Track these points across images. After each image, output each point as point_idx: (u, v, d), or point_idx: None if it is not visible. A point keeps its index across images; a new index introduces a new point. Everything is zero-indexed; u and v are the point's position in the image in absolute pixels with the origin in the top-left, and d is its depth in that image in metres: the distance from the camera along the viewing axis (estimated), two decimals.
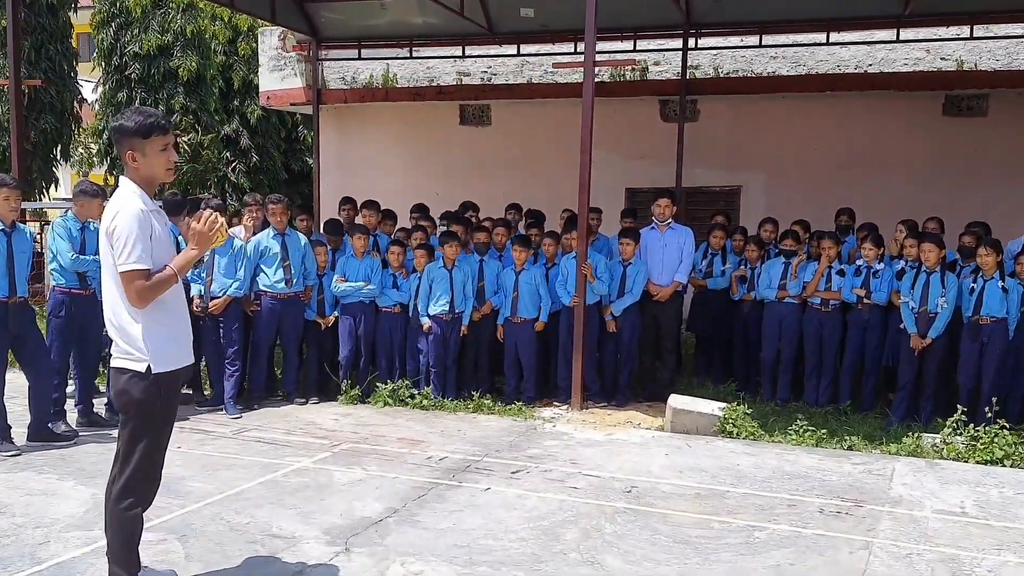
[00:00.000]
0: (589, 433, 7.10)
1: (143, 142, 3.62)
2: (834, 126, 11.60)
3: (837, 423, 7.36)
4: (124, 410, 3.69)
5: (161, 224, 3.71)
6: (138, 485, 3.70)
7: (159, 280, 3.57)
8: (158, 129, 3.64)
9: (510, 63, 12.75)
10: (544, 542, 4.75)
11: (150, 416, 3.65)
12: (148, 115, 3.65)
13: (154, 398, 3.62)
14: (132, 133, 3.60)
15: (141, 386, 3.61)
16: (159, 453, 3.77)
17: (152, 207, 3.67)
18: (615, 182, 12.20)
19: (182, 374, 3.80)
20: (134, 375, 3.61)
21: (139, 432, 3.66)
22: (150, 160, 3.65)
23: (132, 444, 3.67)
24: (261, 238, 7.78)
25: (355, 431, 7.03)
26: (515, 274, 7.88)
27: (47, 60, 13.73)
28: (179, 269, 3.63)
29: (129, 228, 3.52)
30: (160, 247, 3.64)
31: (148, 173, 3.67)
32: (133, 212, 3.55)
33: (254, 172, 16.22)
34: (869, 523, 5.14)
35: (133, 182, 3.66)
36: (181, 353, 3.76)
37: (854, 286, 7.70)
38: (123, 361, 3.64)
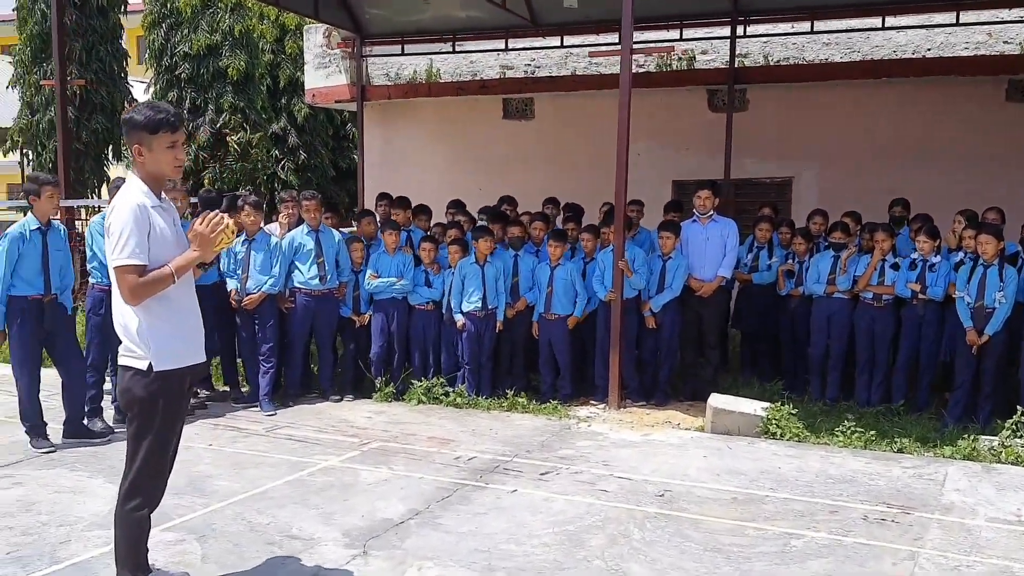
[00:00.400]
0: (625, 433, 6.89)
1: (150, 137, 3.54)
2: (890, 114, 11.15)
3: (888, 424, 7.02)
4: (127, 408, 3.63)
5: (167, 222, 3.62)
6: (144, 486, 3.63)
7: (154, 278, 3.47)
8: (166, 125, 3.56)
9: (554, 55, 12.56)
10: (567, 548, 4.57)
11: (153, 415, 3.57)
12: (159, 110, 3.57)
13: (156, 396, 3.54)
14: (140, 127, 3.53)
15: (143, 384, 3.53)
16: (164, 453, 3.69)
17: (156, 203, 3.59)
18: (661, 175, 11.95)
19: (189, 373, 3.70)
20: (136, 373, 3.54)
21: (143, 431, 3.59)
22: (156, 156, 3.58)
23: (136, 444, 3.61)
24: (295, 235, 7.74)
25: (386, 429, 6.93)
26: (550, 269, 7.70)
27: (98, 61, 13.94)
28: (177, 269, 3.52)
29: (123, 222, 3.45)
30: (162, 245, 3.55)
31: (154, 169, 3.60)
32: (129, 206, 3.47)
33: (302, 170, 16.30)
34: (916, 531, 4.85)
35: (138, 178, 3.60)
36: (187, 351, 3.67)
37: (909, 280, 7.33)
38: (126, 358, 3.58)
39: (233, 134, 14.18)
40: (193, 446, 6.41)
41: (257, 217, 7.44)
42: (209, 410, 7.54)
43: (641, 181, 11.82)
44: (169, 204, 3.74)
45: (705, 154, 11.54)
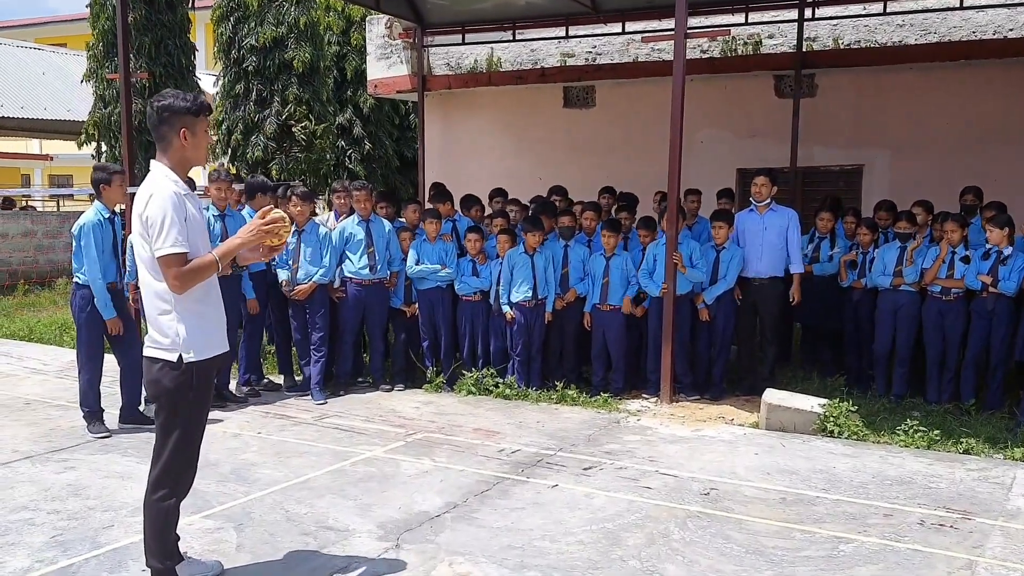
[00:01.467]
0: (675, 428, 6.72)
1: (195, 121, 3.58)
2: (968, 98, 10.62)
3: (956, 423, 6.70)
4: (155, 400, 3.65)
5: (196, 208, 3.64)
6: (171, 476, 3.65)
7: (199, 266, 3.50)
8: (206, 109, 3.65)
9: (615, 42, 12.34)
10: (604, 546, 4.45)
11: (181, 406, 3.59)
12: (194, 96, 3.62)
13: (186, 388, 3.56)
14: (185, 111, 3.56)
15: (172, 376, 3.55)
16: (192, 444, 3.71)
17: (186, 191, 3.59)
18: (726, 162, 11.65)
19: (216, 362, 3.73)
20: (165, 364, 3.56)
21: (171, 423, 3.61)
22: (198, 141, 3.61)
23: (165, 435, 3.62)
24: (346, 224, 7.75)
25: (433, 420, 6.90)
26: (605, 260, 7.55)
27: (166, 55, 14.24)
28: (221, 256, 3.55)
29: (163, 211, 3.46)
30: (194, 231, 3.57)
31: (193, 154, 3.63)
32: (167, 195, 3.48)
33: (367, 160, 16.43)
34: (976, 539, 4.59)
35: (166, 165, 3.60)
36: (214, 342, 3.69)
37: (980, 272, 6.96)
38: (153, 350, 3.59)
39: (298, 125, 14.33)
40: (242, 434, 6.50)
41: (305, 208, 7.47)
42: (262, 398, 7.64)
43: (704, 170, 11.58)
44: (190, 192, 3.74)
45: (771, 142, 11.20)
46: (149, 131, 3.68)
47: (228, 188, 7.24)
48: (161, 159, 3.62)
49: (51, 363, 9.20)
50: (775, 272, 7.59)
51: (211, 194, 7.27)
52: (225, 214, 7.28)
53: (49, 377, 8.52)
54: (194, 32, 19.40)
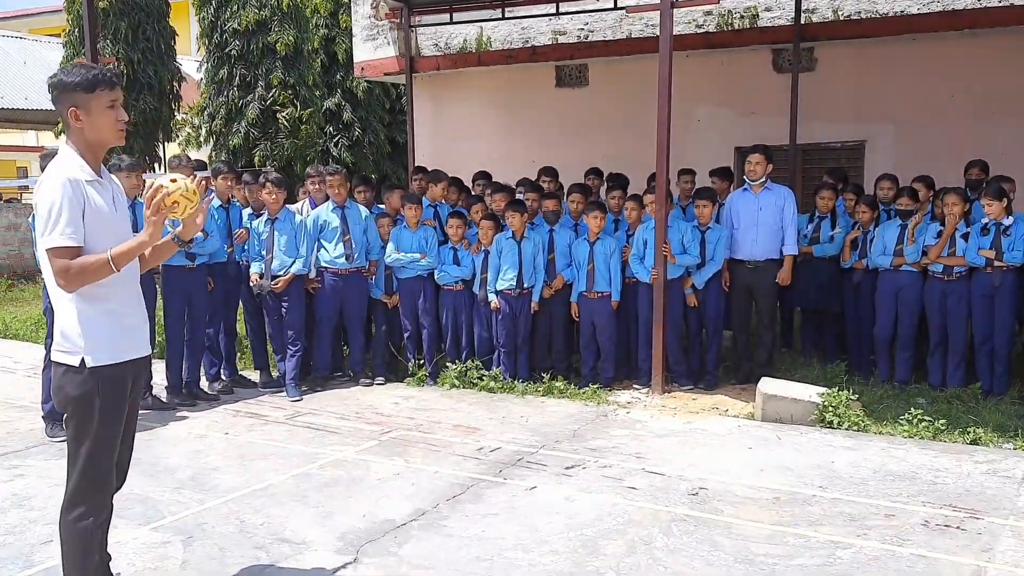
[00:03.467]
0: (666, 421, 6.36)
1: (87, 97, 3.15)
2: (974, 69, 10.16)
3: (963, 410, 6.33)
4: (62, 408, 3.26)
5: (106, 199, 3.24)
6: (87, 493, 3.27)
7: (87, 265, 3.08)
8: (103, 83, 3.17)
9: (607, 18, 11.90)
10: (580, 556, 4.11)
11: (90, 416, 3.20)
12: (91, 68, 3.20)
13: (92, 395, 3.18)
14: (74, 87, 3.14)
15: (76, 381, 3.18)
16: (106, 458, 3.30)
17: (92, 177, 3.21)
18: (723, 140, 11.23)
19: (131, 369, 3.33)
20: (68, 369, 3.19)
21: (81, 434, 3.23)
22: (95, 119, 3.18)
23: (76, 448, 3.25)
24: (320, 212, 7.40)
25: (412, 416, 6.56)
26: (589, 245, 7.17)
27: (144, 40, 13.85)
28: (116, 256, 3.12)
29: (52, 198, 3.07)
30: (99, 223, 3.17)
31: (94, 135, 3.20)
32: (59, 181, 3.09)
33: (356, 146, 16.02)
34: (985, 541, 4.23)
35: (73, 148, 3.21)
36: (126, 345, 3.29)
37: (982, 247, 6.58)
38: (57, 354, 3.22)
39: (283, 110, 13.94)
40: (208, 435, 6.17)
41: (279, 195, 7.11)
42: (235, 395, 7.31)
43: (702, 148, 11.19)
44: (110, 179, 3.35)
45: (770, 118, 10.78)
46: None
47: (188, 173, 6.87)
48: (67, 141, 3.24)
49: (22, 360, 8.88)
50: (771, 254, 7.21)
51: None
52: None
53: (17, 376, 8.21)
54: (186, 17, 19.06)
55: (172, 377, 7.04)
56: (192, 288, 6.95)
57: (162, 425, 6.41)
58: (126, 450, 3.50)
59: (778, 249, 7.22)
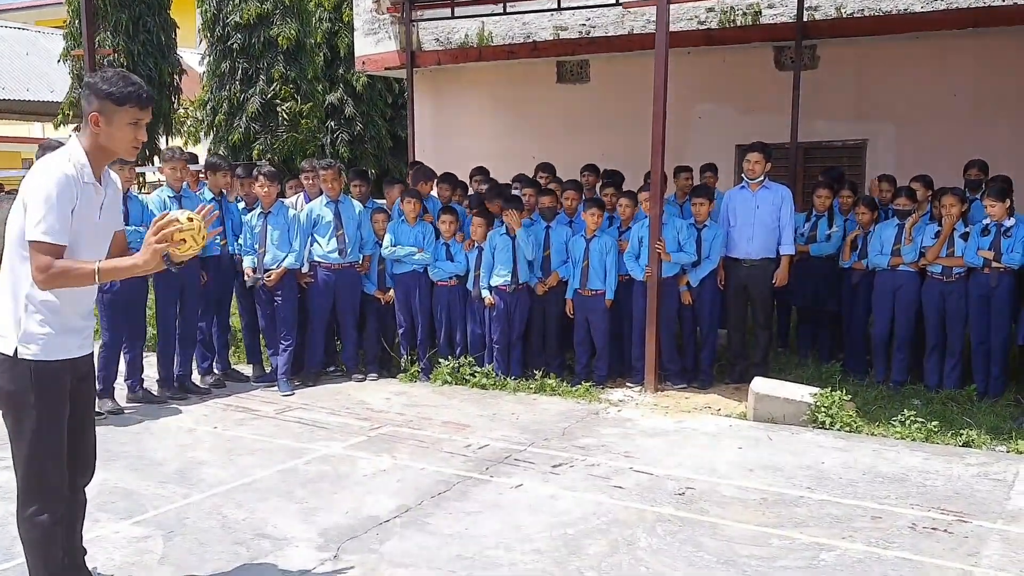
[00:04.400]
0: (657, 420, 6.32)
1: (114, 109, 3.11)
2: (977, 68, 10.10)
3: (957, 412, 6.28)
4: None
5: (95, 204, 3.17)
6: (35, 490, 3.19)
7: (76, 271, 3.04)
8: (135, 100, 3.13)
9: (609, 14, 11.84)
10: (561, 556, 4.08)
11: (26, 410, 3.12)
12: (130, 82, 3.15)
13: (25, 390, 3.10)
14: (106, 96, 3.10)
15: (9, 374, 3.11)
16: (47, 455, 3.20)
17: (90, 180, 3.16)
18: (724, 138, 11.17)
19: (69, 368, 3.23)
20: (3, 360, 3.12)
21: (17, 430, 3.15)
22: (114, 131, 3.14)
23: (16, 444, 3.17)
24: (314, 206, 7.37)
25: (402, 412, 6.54)
26: (585, 242, 7.13)
27: (145, 32, 13.84)
28: (103, 271, 3.07)
29: (46, 192, 3.02)
30: (81, 227, 3.12)
31: (108, 143, 3.16)
32: (54, 175, 3.04)
33: (358, 141, 15.99)
34: (972, 545, 4.19)
35: (83, 147, 3.16)
36: (68, 342, 3.21)
37: (981, 247, 6.52)
38: None
39: (284, 104, 13.92)
40: (197, 429, 6.16)
41: (272, 189, 7.08)
42: (227, 389, 7.29)
43: (702, 145, 11.14)
44: (109, 184, 3.31)
45: (771, 116, 10.70)
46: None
47: (183, 168, 6.86)
48: (79, 137, 3.20)
49: None
50: (767, 253, 7.15)
51: (165, 174, 6.90)
52: (182, 195, 6.89)
53: None
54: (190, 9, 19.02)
55: (163, 370, 7.03)
56: (184, 281, 6.92)
57: (152, 418, 6.40)
58: (87, 444, 3.43)
59: (774, 248, 7.16)
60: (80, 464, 3.40)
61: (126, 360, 6.84)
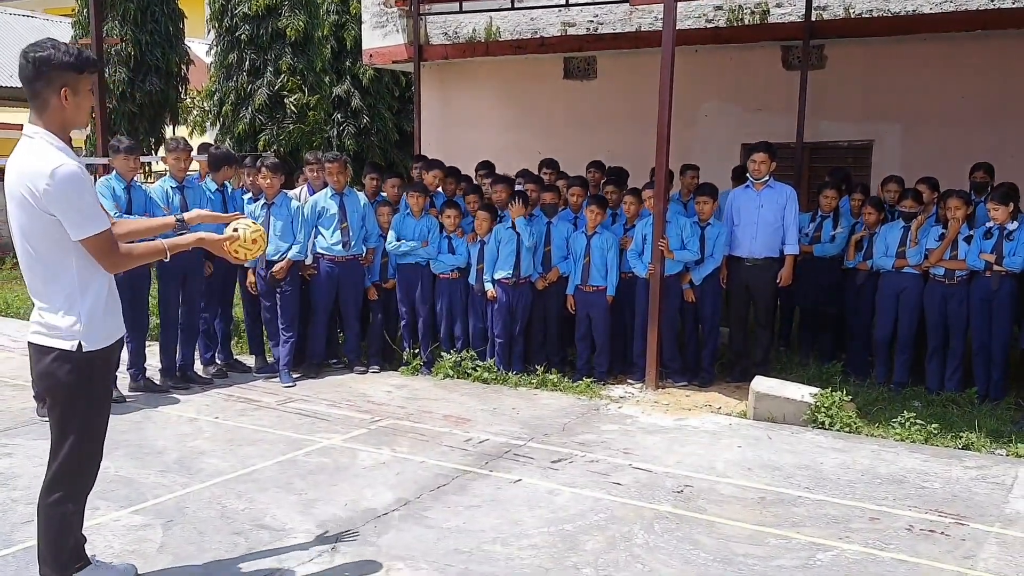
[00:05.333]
0: (657, 417, 6.33)
1: (79, 78, 3.13)
2: (987, 70, 10.05)
3: (958, 414, 6.28)
4: (49, 395, 3.28)
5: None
6: (68, 478, 3.28)
7: (146, 251, 3.31)
8: (91, 63, 3.17)
9: (617, 11, 11.83)
10: (558, 551, 4.09)
11: (81, 400, 3.23)
12: (78, 48, 3.19)
13: (87, 380, 3.21)
14: (68, 66, 3.09)
15: (69, 367, 3.19)
16: (91, 444, 3.32)
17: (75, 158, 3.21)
18: (730, 137, 11.14)
19: (116, 350, 3.42)
20: (60, 354, 3.19)
21: (71, 420, 3.24)
22: (81, 101, 3.17)
23: (62, 433, 3.25)
24: (319, 198, 7.38)
25: (403, 405, 6.55)
26: (586, 238, 7.13)
27: (153, 22, 13.85)
28: (171, 247, 3.36)
29: (76, 190, 3.09)
30: None
31: (73, 116, 3.18)
32: (71, 171, 3.07)
33: (364, 133, 16.00)
34: (969, 547, 4.19)
35: (51, 131, 3.16)
36: (114, 322, 3.37)
37: (983, 251, 6.50)
38: (44, 337, 3.21)
39: (291, 96, 13.92)
40: (198, 419, 6.18)
41: (275, 180, 7.09)
42: (229, 379, 7.32)
43: (708, 143, 11.14)
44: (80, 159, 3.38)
45: (778, 115, 10.69)
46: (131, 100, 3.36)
47: (186, 158, 6.87)
48: (38, 122, 3.16)
49: (21, 339, 8.89)
50: (770, 252, 7.15)
51: (168, 164, 6.91)
52: (184, 185, 6.91)
53: (15, 354, 8.24)
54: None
55: (166, 360, 7.06)
56: (188, 271, 6.94)
57: (153, 407, 6.42)
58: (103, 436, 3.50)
59: (778, 248, 7.16)
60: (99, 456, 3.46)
61: (128, 349, 6.86)
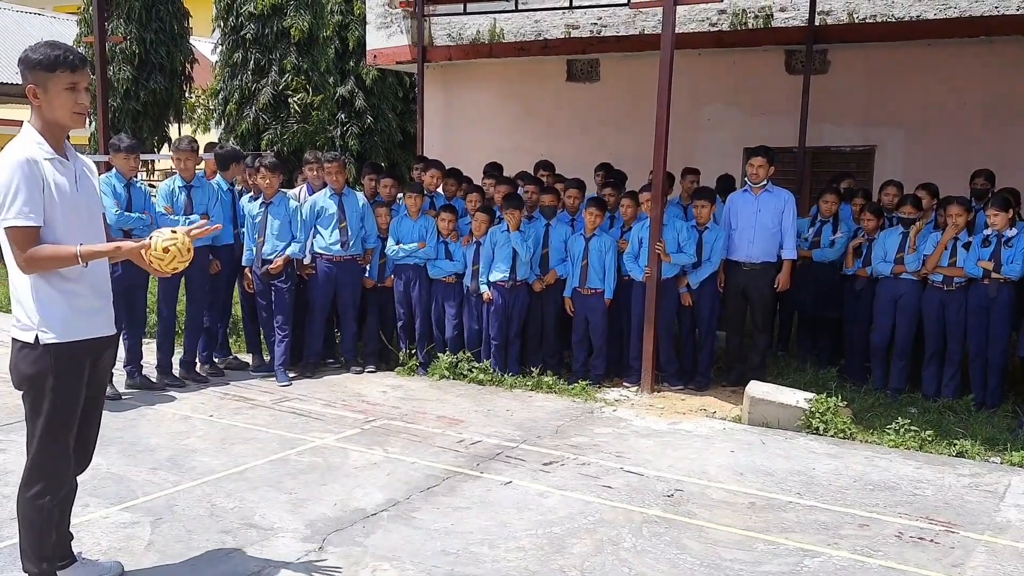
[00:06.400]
0: (651, 420, 6.32)
1: (47, 76, 3.16)
2: (989, 76, 10.04)
3: (953, 421, 6.25)
4: (18, 386, 3.29)
5: (68, 177, 3.24)
6: (43, 472, 3.29)
7: (56, 255, 3.15)
8: (64, 64, 3.17)
9: (620, 13, 11.83)
10: (545, 554, 4.08)
11: (42, 394, 3.22)
12: (56, 47, 3.20)
13: (44, 373, 3.19)
14: (36, 65, 3.15)
15: (30, 358, 3.20)
16: (59, 438, 3.30)
17: (51, 155, 3.21)
18: (733, 141, 11.15)
19: (89, 348, 3.32)
20: (23, 346, 3.21)
21: (36, 412, 3.25)
22: (51, 99, 3.18)
23: (32, 425, 3.28)
24: (318, 198, 7.40)
25: (397, 406, 6.55)
26: (584, 240, 7.12)
27: (157, 20, 13.90)
28: (86, 254, 3.17)
29: (8, 179, 3.09)
30: (58, 204, 3.18)
31: (50, 115, 3.21)
32: (15, 161, 3.11)
33: (367, 134, 16.02)
34: (957, 555, 4.17)
35: (35, 128, 3.23)
36: (84, 324, 3.30)
37: (981, 258, 6.48)
38: (13, 330, 3.25)
39: (295, 95, 13.95)
40: (192, 417, 6.19)
41: (274, 180, 7.10)
42: (225, 377, 7.33)
43: (710, 147, 11.14)
44: (75, 158, 3.35)
45: (780, 120, 10.71)
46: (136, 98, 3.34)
47: (190, 157, 6.89)
48: (29, 120, 3.26)
49: None
50: (767, 257, 7.13)
51: (176, 163, 6.93)
52: (192, 185, 6.93)
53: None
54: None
55: (163, 357, 7.07)
56: (190, 269, 6.93)
57: (148, 405, 6.44)
58: (91, 431, 3.51)
59: (775, 252, 7.15)
60: (82, 450, 3.46)
61: (125, 346, 6.88)
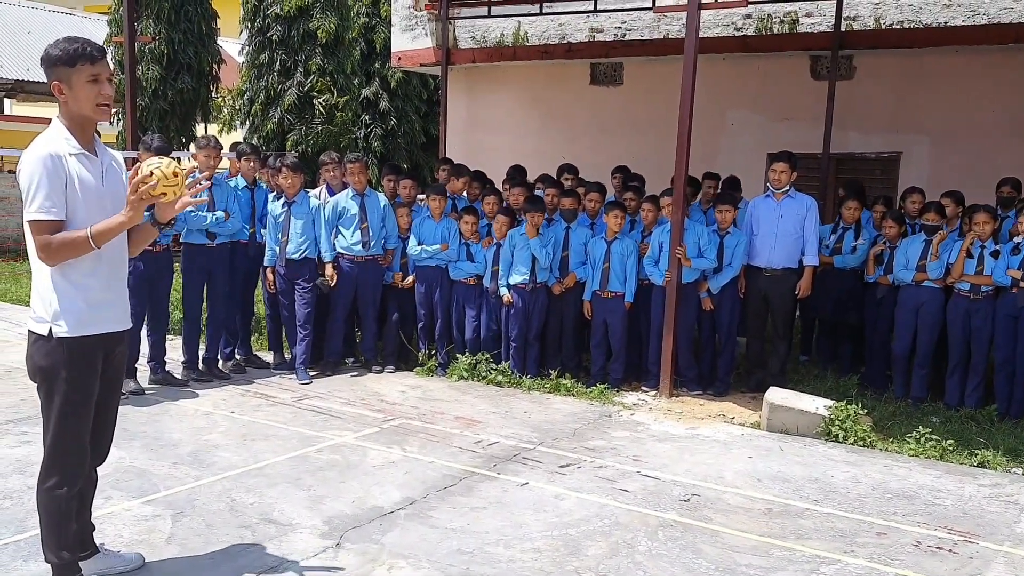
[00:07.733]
0: (669, 425, 6.32)
1: (69, 71, 3.21)
2: (1017, 84, 9.94)
3: (976, 431, 6.20)
4: (32, 378, 3.33)
5: (94, 173, 3.28)
6: (59, 464, 3.32)
7: (67, 240, 3.16)
8: (84, 57, 3.21)
9: (644, 17, 11.83)
10: (560, 556, 4.10)
11: (56, 387, 3.26)
12: (74, 41, 3.25)
13: (58, 366, 3.23)
14: (57, 61, 3.21)
15: (44, 351, 3.25)
16: (72, 431, 3.33)
17: (77, 150, 3.26)
18: (757, 146, 11.09)
19: (101, 343, 3.35)
20: (38, 339, 3.26)
21: (50, 404, 3.29)
22: (76, 93, 3.23)
23: (46, 417, 3.32)
24: (339, 198, 7.46)
25: (416, 406, 6.59)
26: (606, 244, 7.14)
27: (186, 21, 14.05)
28: (96, 234, 3.17)
29: (31, 173, 3.15)
30: (84, 199, 3.22)
31: (76, 109, 3.26)
32: (39, 156, 3.16)
33: (391, 136, 16.10)
34: (975, 566, 4.14)
35: (62, 123, 3.29)
36: (97, 318, 3.32)
37: (1010, 267, 6.43)
38: (30, 323, 3.31)
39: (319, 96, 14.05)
40: (214, 413, 6.26)
41: (296, 179, 7.16)
42: (247, 375, 7.40)
43: (734, 152, 11.11)
44: (104, 153, 3.41)
45: (805, 126, 10.65)
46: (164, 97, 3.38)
47: (216, 156, 6.95)
48: (58, 115, 3.32)
49: None
50: (789, 263, 7.11)
51: (198, 161, 7.00)
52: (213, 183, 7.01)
53: None
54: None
55: (188, 354, 7.15)
56: (212, 266, 7.06)
57: (171, 400, 6.51)
58: (108, 423, 3.55)
59: (796, 258, 7.13)
60: (98, 443, 3.50)
61: (149, 342, 6.97)
